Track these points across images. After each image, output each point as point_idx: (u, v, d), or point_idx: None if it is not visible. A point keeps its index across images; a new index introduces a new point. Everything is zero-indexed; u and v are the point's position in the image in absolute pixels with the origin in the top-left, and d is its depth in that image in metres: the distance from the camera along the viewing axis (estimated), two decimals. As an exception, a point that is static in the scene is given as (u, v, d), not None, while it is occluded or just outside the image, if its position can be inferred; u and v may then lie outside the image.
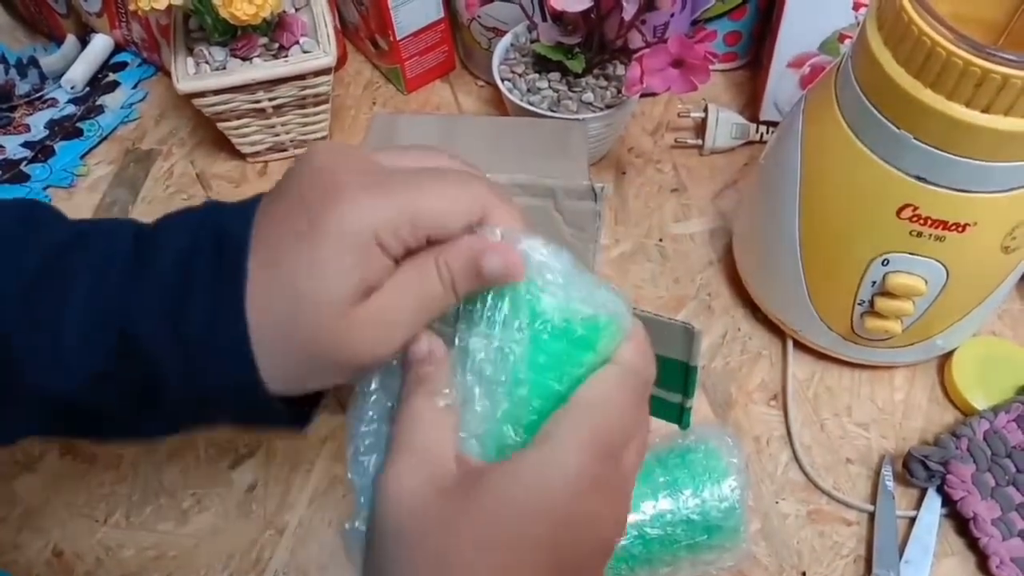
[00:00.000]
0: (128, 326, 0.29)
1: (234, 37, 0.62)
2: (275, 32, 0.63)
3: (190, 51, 0.63)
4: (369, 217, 0.28)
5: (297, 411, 0.33)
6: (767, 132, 0.69)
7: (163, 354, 0.29)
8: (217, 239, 0.30)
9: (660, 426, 0.52)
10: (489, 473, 0.28)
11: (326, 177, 0.29)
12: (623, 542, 0.45)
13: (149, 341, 0.29)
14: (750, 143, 0.70)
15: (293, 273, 0.28)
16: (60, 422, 0.32)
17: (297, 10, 0.66)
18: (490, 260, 0.28)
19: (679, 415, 0.49)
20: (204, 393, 0.30)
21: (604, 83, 0.63)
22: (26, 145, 0.73)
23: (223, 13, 0.58)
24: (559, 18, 0.60)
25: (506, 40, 0.67)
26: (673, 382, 0.51)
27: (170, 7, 0.58)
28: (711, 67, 0.56)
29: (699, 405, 0.55)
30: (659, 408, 0.50)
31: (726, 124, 0.68)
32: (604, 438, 0.28)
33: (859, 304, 0.50)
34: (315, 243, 0.28)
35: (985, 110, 0.39)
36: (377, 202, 0.28)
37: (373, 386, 0.32)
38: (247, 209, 0.30)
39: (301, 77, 0.63)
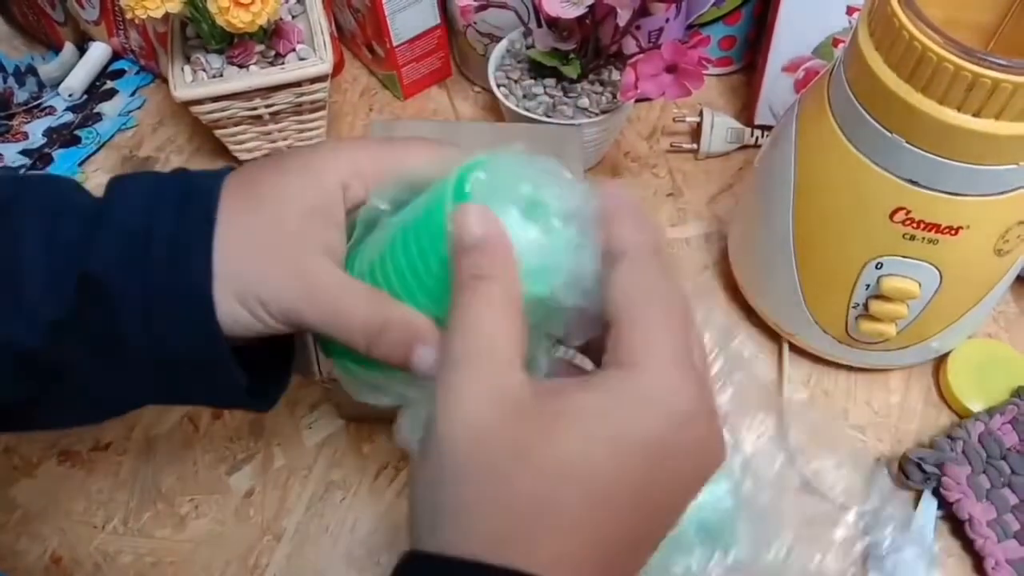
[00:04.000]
0: (88, 267, 0.30)
1: (231, 45, 0.63)
2: (272, 39, 0.63)
3: (187, 59, 0.63)
4: (342, 159, 0.32)
5: (260, 390, 0.34)
6: (762, 136, 0.69)
7: (124, 296, 0.30)
8: (185, 189, 0.32)
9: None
10: (570, 395, 0.25)
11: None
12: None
13: (111, 281, 0.30)
14: (745, 147, 0.70)
15: (261, 198, 0.31)
16: (22, 381, 0.31)
17: (294, 17, 0.66)
18: (419, 355, 0.29)
19: None
20: (163, 341, 0.31)
21: (599, 88, 0.64)
22: (24, 153, 0.74)
23: (220, 21, 0.58)
24: (554, 24, 0.61)
25: (502, 46, 0.67)
26: None
27: (167, 15, 0.58)
28: (705, 72, 0.56)
29: (695, 409, 0.55)
30: None
31: (721, 128, 0.69)
32: (682, 342, 0.26)
33: (853, 307, 0.50)
34: (284, 172, 0.31)
35: (976, 114, 0.39)
36: (351, 148, 0.32)
37: None
38: (215, 171, 0.33)
39: (298, 84, 0.63)
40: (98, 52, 0.80)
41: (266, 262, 0.30)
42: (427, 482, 0.26)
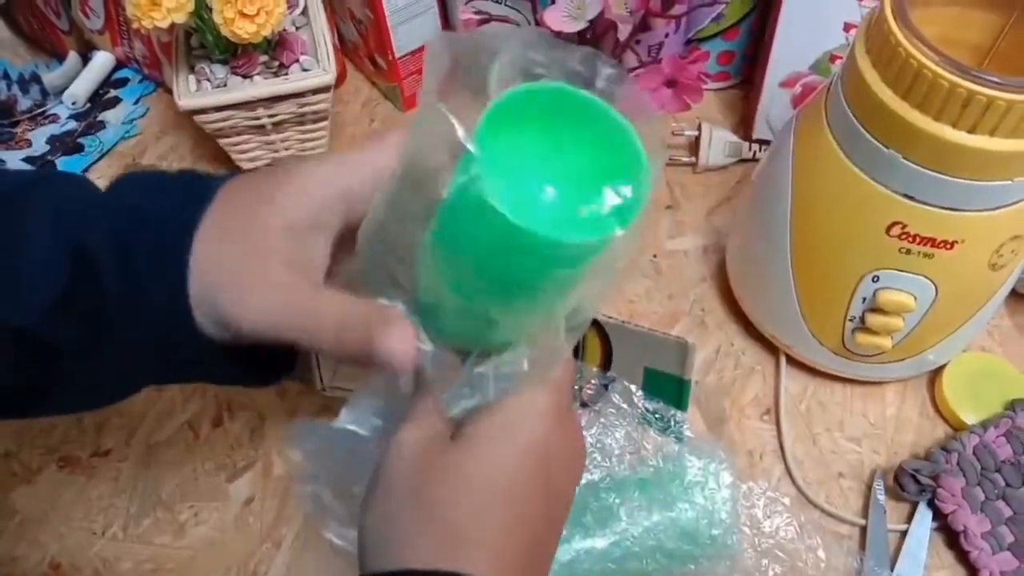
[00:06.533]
0: (86, 248, 0.31)
1: (235, 55, 0.63)
2: (275, 50, 0.64)
3: (191, 68, 0.64)
4: (334, 183, 0.32)
5: (261, 370, 0.36)
6: (760, 150, 0.70)
7: (114, 274, 0.31)
8: (186, 184, 0.33)
9: (655, 440, 0.53)
10: (476, 432, 0.31)
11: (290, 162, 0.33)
12: (617, 554, 0.46)
13: (104, 261, 0.31)
14: (743, 161, 0.71)
15: (250, 199, 0.32)
16: (20, 365, 0.33)
17: (297, 29, 0.67)
18: (381, 347, 0.30)
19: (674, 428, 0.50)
20: (146, 332, 0.32)
21: (599, 102, 0.64)
22: (27, 160, 0.74)
23: (225, 31, 0.59)
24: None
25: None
26: (667, 395, 0.52)
27: (172, 25, 0.59)
28: (704, 87, 0.57)
29: (693, 419, 0.55)
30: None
31: (719, 142, 0.69)
32: (563, 384, 0.33)
33: (850, 320, 0.51)
34: (278, 176, 0.32)
35: (971, 130, 0.40)
36: (342, 173, 0.33)
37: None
38: (220, 176, 0.34)
39: (301, 95, 0.63)
40: (102, 61, 0.80)
41: (238, 286, 0.31)
42: (377, 516, 0.31)
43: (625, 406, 0.53)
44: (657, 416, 0.52)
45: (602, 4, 0.56)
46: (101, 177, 0.73)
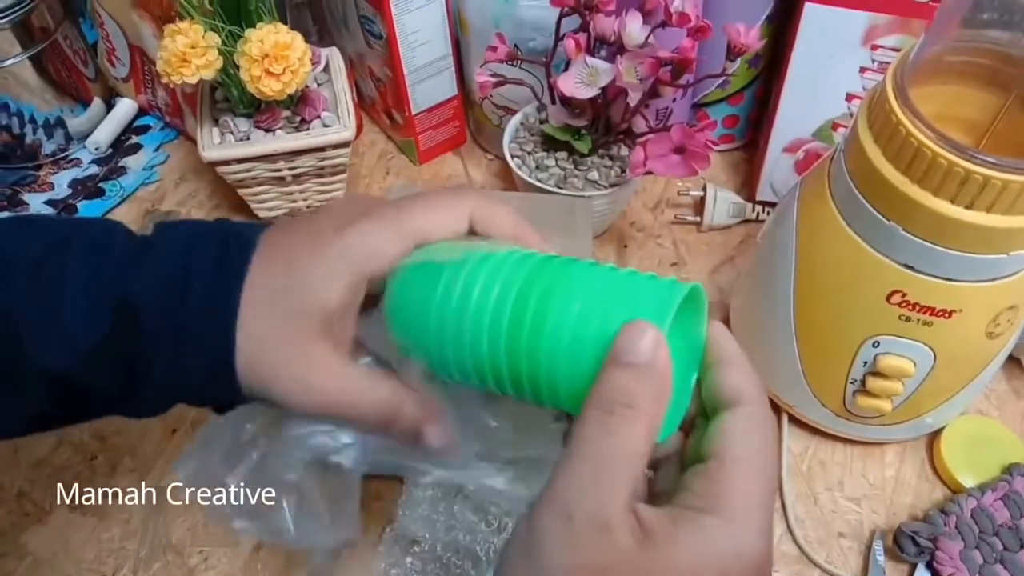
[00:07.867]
0: (128, 299, 0.32)
1: (258, 109, 0.65)
2: (298, 106, 0.66)
3: (215, 121, 0.66)
4: (372, 253, 0.33)
5: None
6: (763, 211, 0.72)
7: (157, 330, 0.32)
8: (224, 238, 0.34)
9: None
10: (675, 545, 0.26)
11: (346, 211, 0.34)
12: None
13: (146, 315, 0.32)
14: (746, 221, 0.72)
15: (290, 273, 0.32)
16: (57, 405, 0.34)
17: (319, 85, 0.69)
18: (431, 436, 0.33)
19: None
20: (186, 374, 0.33)
21: (609, 163, 0.66)
22: (49, 203, 0.76)
23: (251, 88, 0.61)
24: (567, 102, 0.64)
25: (516, 119, 0.70)
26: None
27: (199, 80, 0.61)
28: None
29: (696, 476, 0.56)
30: None
31: (724, 203, 0.71)
32: (771, 504, 0.28)
33: (851, 383, 0.52)
34: (317, 253, 0.32)
35: (968, 206, 0.41)
36: (381, 239, 0.33)
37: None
38: (256, 224, 0.35)
39: (321, 149, 0.66)
40: (125, 107, 0.83)
41: (281, 364, 0.33)
42: None
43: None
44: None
45: (614, 72, 0.58)
46: (121, 221, 0.75)
